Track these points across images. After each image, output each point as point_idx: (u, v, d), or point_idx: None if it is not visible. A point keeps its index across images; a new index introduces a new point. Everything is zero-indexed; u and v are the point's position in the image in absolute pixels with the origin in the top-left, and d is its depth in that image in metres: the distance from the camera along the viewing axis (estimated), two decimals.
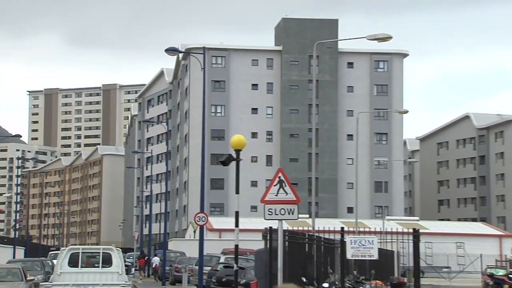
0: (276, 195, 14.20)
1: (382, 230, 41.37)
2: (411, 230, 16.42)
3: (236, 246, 16.25)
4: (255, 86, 77.69)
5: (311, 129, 70.33)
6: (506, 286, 30.15)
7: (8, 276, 20.68)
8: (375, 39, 24.33)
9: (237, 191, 16.13)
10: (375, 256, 17.11)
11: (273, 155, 77.15)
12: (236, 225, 16.19)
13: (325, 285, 18.13)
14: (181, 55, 77.80)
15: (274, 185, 14.24)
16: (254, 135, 76.57)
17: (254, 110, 77.41)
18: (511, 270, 36.54)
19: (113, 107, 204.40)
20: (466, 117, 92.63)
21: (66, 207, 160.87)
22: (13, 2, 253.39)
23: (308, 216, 55.59)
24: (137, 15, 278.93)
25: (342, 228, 19.54)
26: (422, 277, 28.02)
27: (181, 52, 32.10)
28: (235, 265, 16.32)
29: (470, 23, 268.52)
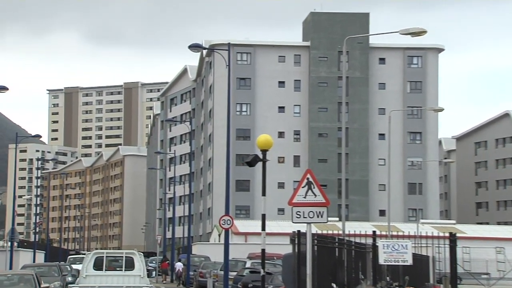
0: (305, 197, 14.19)
1: (416, 234, 41.05)
2: (447, 234, 16.28)
3: (263, 251, 16.26)
4: (282, 84, 77.64)
5: (341, 128, 70.01)
6: None
7: (20, 284, 19.28)
8: (408, 34, 24.15)
9: (264, 193, 16.15)
10: (409, 262, 16.99)
11: (301, 156, 77.03)
12: (263, 229, 16.20)
13: None
14: (205, 52, 78.11)
15: (302, 187, 14.24)
16: (281, 135, 76.53)
17: (281, 109, 77.37)
18: None
19: (135, 106, 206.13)
20: (506, 115, 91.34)
21: (87, 210, 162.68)
22: None
23: (338, 219, 55.45)
24: (159, 11, 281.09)
25: (374, 232, 19.42)
26: (460, 284, 27.70)
27: (205, 49, 32.24)
28: (262, 271, 16.35)
29: (509, 16, 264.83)
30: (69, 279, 27.83)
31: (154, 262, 55.13)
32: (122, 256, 21.53)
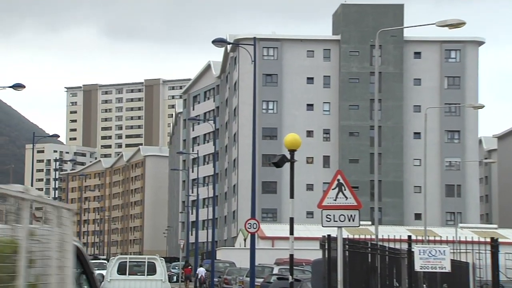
0: (335, 200, 14.18)
1: (455, 239, 40.68)
2: (489, 240, 16.09)
3: (291, 256, 16.28)
4: (311, 80, 77.57)
5: (373, 127, 69.57)
6: None
7: None
8: (446, 26, 23.93)
9: (292, 196, 16.16)
10: (448, 268, 16.85)
11: (331, 156, 76.87)
12: (291, 233, 16.20)
13: None
14: (230, 47, 78.34)
15: (333, 189, 14.22)
16: (310, 134, 76.47)
17: (310, 106, 77.31)
18: None
19: (156, 104, 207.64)
20: None
21: (107, 213, 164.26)
22: None
23: (371, 223, 55.20)
24: (182, 3, 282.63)
25: (409, 237, 19.31)
26: None
27: (230, 44, 32.35)
28: (290, 277, 16.39)
29: None
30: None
31: (177, 268, 55.47)
32: (145, 261, 23.63)
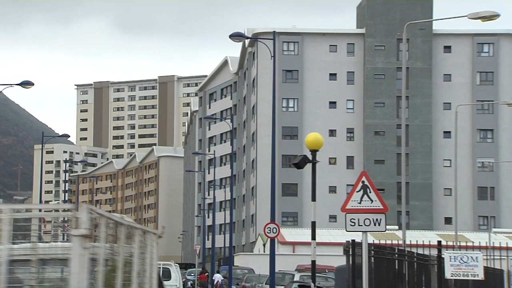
0: (360, 203, 14.15)
1: (488, 245, 40.41)
2: None
3: (313, 262, 16.27)
4: (334, 76, 77.44)
5: (400, 126, 69.28)
6: None
7: None
8: (478, 18, 23.76)
9: (314, 198, 16.14)
10: (480, 276, 16.72)
11: (355, 156, 76.69)
12: (313, 238, 16.18)
13: None
14: (248, 42, 78.38)
15: (357, 191, 14.19)
16: (333, 133, 76.34)
17: (333, 104, 77.17)
18: None
19: (171, 102, 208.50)
20: None
21: None
22: None
23: (398, 228, 54.96)
24: None
25: (439, 242, 19.21)
26: None
27: (248, 38, 32.35)
28: (312, 284, 16.38)
29: None
30: None
31: (193, 275, 55.60)
32: (160, 267, 24.18)
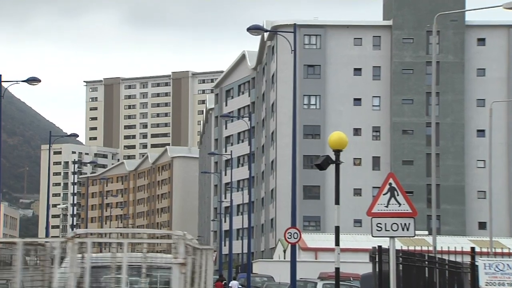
0: (387, 207, 14.10)
1: None
2: None
3: (337, 270, 16.24)
4: (358, 71, 77.28)
5: (430, 124, 69.06)
6: None
7: None
8: None
9: (337, 201, 16.10)
10: None
11: (382, 157, 76.47)
12: (337, 244, 16.15)
13: None
14: (267, 35, 78.38)
15: (384, 194, 14.14)
16: (357, 132, 76.17)
17: (357, 101, 77.02)
18: None
19: (185, 100, 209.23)
20: None
21: (131, 221, 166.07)
22: None
23: (428, 233, 54.67)
24: None
25: (473, 249, 19.07)
26: None
27: (267, 31, 32.36)
28: None
29: None
30: None
31: None
32: None
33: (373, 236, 14.25)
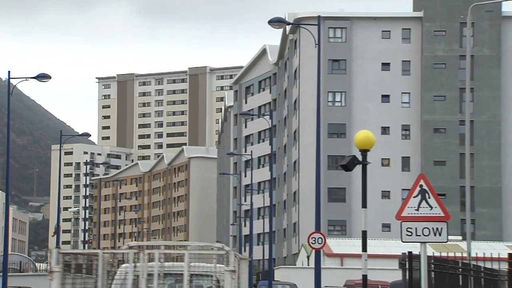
0: (417, 210, 14.09)
1: None
2: None
3: (364, 277, 16.23)
4: (387, 66, 77.13)
5: (464, 122, 68.75)
6: None
7: None
8: None
9: (364, 205, 16.07)
10: None
11: (412, 157, 76.27)
12: (364, 249, 16.12)
13: None
14: (289, 28, 78.43)
15: (414, 197, 14.13)
16: (386, 131, 76.04)
17: (385, 98, 76.88)
18: None
19: (202, 97, 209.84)
20: None
21: (146, 225, 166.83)
22: None
23: (461, 238, 54.43)
24: None
25: (510, 255, 18.96)
26: None
27: (289, 24, 32.37)
28: None
29: None
30: None
31: None
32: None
33: (403, 242, 14.23)
